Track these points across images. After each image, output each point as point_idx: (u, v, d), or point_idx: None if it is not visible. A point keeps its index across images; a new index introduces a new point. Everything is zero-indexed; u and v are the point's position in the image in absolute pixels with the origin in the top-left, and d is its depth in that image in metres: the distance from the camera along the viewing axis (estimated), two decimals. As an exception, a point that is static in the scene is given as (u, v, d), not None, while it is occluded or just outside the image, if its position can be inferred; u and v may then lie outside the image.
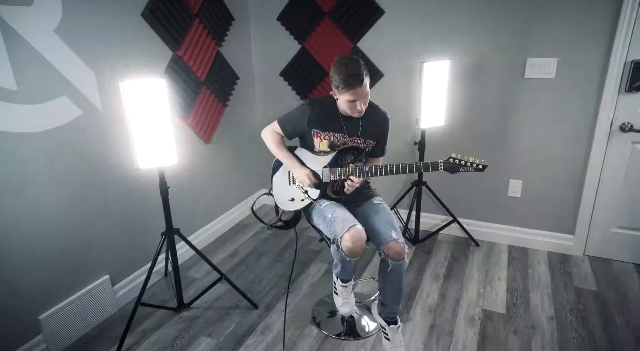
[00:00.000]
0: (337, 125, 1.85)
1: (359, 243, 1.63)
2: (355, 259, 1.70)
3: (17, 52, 1.68)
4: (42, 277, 1.90)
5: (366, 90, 1.70)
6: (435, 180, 2.90)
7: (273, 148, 1.94)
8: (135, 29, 2.20)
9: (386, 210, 1.85)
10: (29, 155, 1.78)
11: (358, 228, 1.66)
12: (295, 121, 1.90)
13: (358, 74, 1.63)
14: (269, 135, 1.96)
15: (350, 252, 1.64)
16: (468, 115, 2.73)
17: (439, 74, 2.35)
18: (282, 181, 1.96)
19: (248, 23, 3.13)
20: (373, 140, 1.91)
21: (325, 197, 1.88)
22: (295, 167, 1.86)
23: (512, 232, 2.86)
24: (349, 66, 1.64)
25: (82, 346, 2.04)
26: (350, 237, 1.62)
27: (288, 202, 1.93)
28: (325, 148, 1.88)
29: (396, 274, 1.75)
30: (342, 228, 1.65)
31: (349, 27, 2.82)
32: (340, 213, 1.73)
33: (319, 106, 1.87)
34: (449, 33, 2.60)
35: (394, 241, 1.68)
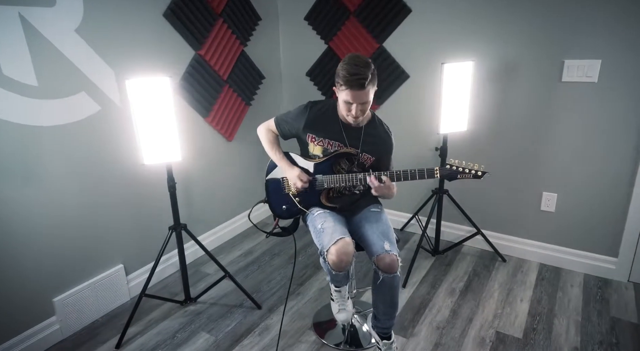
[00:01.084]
0: (338, 134, 1.77)
1: (344, 257, 1.56)
2: (342, 273, 1.62)
3: (38, 51, 1.79)
4: (57, 262, 2.02)
5: (367, 96, 1.59)
6: (458, 188, 2.73)
7: (267, 146, 1.91)
8: (156, 29, 2.28)
9: (382, 219, 1.76)
10: (47, 147, 1.89)
11: (345, 241, 1.58)
12: (292, 121, 1.85)
13: (362, 77, 1.53)
14: (264, 133, 1.93)
15: (335, 265, 1.57)
16: (496, 120, 2.54)
17: (461, 76, 2.19)
18: (276, 188, 1.91)
19: (277, 23, 3.14)
20: (372, 155, 1.81)
21: (320, 205, 1.82)
22: (286, 168, 1.82)
23: (544, 250, 2.62)
24: (357, 66, 1.54)
25: (92, 331, 2.14)
26: (335, 251, 1.55)
27: (282, 210, 1.90)
28: (318, 153, 1.82)
29: (388, 287, 1.66)
30: (329, 241, 1.58)
31: (375, 26, 2.73)
32: (329, 224, 1.67)
33: (317, 110, 1.80)
34: (479, 32, 2.43)
35: (386, 253, 1.59)
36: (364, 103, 1.61)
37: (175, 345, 2.03)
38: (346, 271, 1.63)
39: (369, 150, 1.79)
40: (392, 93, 2.85)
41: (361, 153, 1.78)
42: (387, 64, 2.77)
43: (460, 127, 2.32)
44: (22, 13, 1.72)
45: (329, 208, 1.82)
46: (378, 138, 1.79)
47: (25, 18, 1.73)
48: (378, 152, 1.81)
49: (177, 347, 2.01)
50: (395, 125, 2.88)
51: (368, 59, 1.60)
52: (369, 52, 2.81)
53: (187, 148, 2.57)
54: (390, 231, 1.70)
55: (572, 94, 2.29)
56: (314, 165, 1.81)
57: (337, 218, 1.74)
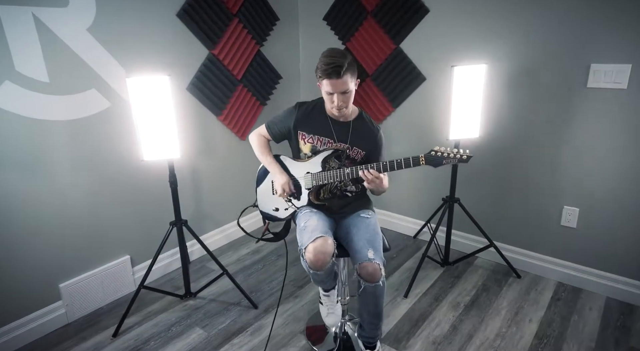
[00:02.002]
0: (326, 130, 1.76)
1: (320, 256, 1.52)
2: (322, 273, 1.58)
3: (50, 49, 1.89)
4: (65, 249, 2.12)
5: (345, 86, 1.58)
6: (471, 197, 2.61)
7: (257, 152, 1.90)
8: (169, 29, 2.33)
9: (371, 226, 1.70)
10: (57, 141, 1.99)
11: (324, 240, 1.54)
12: (281, 122, 1.85)
13: (338, 65, 1.53)
14: (255, 139, 1.93)
15: (312, 264, 1.54)
16: (513, 128, 2.39)
17: (473, 80, 2.08)
18: (266, 191, 1.90)
19: (297, 23, 3.13)
20: (362, 149, 1.77)
21: (309, 204, 1.80)
22: (276, 173, 1.80)
23: (563, 268, 2.43)
24: (332, 56, 1.56)
25: (96, 318, 2.24)
26: (313, 249, 1.52)
27: (273, 212, 1.89)
28: (307, 151, 1.80)
29: (371, 296, 1.60)
30: (309, 239, 1.55)
31: (392, 27, 2.66)
32: (312, 223, 1.64)
33: (305, 108, 1.81)
34: (500, 33, 2.29)
35: (368, 261, 1.53)
36: (345, 93, 1.61)
37: (168, 337, 2.07)
38: (326, 272, 1.59)
39: (358, 144, 1.77)
40: (408, 96, 2.76)
41: (351, 147, 1.76)
42: (403, 65, 2.69)
43: (471, 133, 2.20)
44: (35, 13, 1.82)
45: (317, 206, 1.79)
46: (366, 133, 1.78)
47: (38, 18, 1.82)
48: (367, 146, 1.78)
49: (170, 340, 2.05)
50: (410, 128, 2.81)
51: (344, 50, 1.62)
52: (386, 53, 2.73)
53: (198, 146, 2.64)
54: (377, 238, 1.64)
55: (598, 101, 2.11)
56: (303, 165, 1.78)
57: (323, 219, 1.71)
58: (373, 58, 2.80)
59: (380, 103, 2.87)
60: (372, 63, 2.82)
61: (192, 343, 2.03)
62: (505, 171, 2.50)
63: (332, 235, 1.62)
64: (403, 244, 2.96)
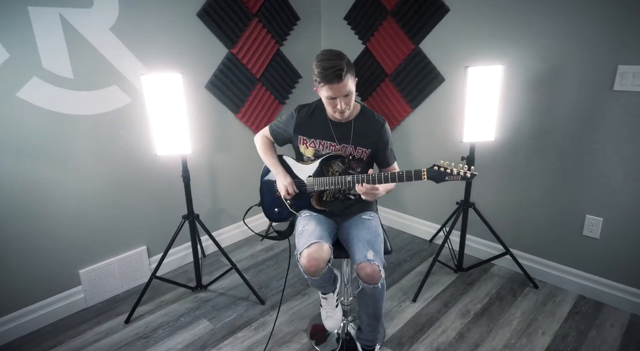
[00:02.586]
0: (326, 132, 1.74)
1: (314, 262, 1.52)
2: (317, 278, 1.58)
3: (75, 47, 1.99)
4: (85, 237, 2.23)
5: (347, 88, 1.56)
6: (488, 201, 2.53)
7: (261, 153, 1.90)
8: (190, 28, 2.41)
9: (372, 227, 1.68)
10: (80, 134, 2.10)
11: (319, 246, 1.53)
12: (282, 127, 1.85)
13: (338, 68, 1.50)
14: (259, 140, 1.93)
15: (306, 269, 1.54)
16: (533, 132, 2.29)
17: (488, 81, 2.01)
18: (269, 191, 1.91)
19: (319, 23, 3.15)
20: (367, 148, 1.74)
21: (310, 208, 1.80)
22: (278, 175, 1.80)
23: (585, 280, 2.31)
24: (330, 59, 1.52)
25: (112, 304, 2.34)
26: (307, 255, 1.52)
27: (274, 213, 1.90)
28: (310, 155, 1.79)
29: (369, 298, 1.59)
30: (304, 244, 1.55)
31: (411, 26, 2.62)
32: (310, 228, 1.63)
33: (306, 112, 1.79)
34: (522, 33, 2.20)
35: (367, 262, 1.52)
36: (347, 96, 1.58)
37: (176, 327, 2.14)
38: (322, 278, 1.59)
39: (361, 143, 1.74)
40: (426, 97, 2.71)
41: (355, 147, 1.73)
42: (422, 66, 2.64)
43: (487, 136, 2.13)
44: (62, 13, 1.92)
45: (319, 211, 1.79)
46: (369, 129, 1.74)
47: (64, 18, 1.93)
48: (372, 143, 1.74)
49: (178, 330, 2.12)
50: (428, 130, 2.76)
51: (339, 51, 1.58)
52: (405, 53, 2.70)
53: (216, 142, 2.71)
54: (377, 240, 1.62)
55: (625, 105, 1.98)
56: (306, 168, 1.78)
57: (322, 222, 1.70)
58: (392, 58, 2.77)
59: (399, 104, 2.84)
60: (391, 63, 2.78)
61: (197, 334, 2.08)
62: (523, 176, 2.40)
63: (330, 240, 1.62)
64: (418, 247, 2.91)
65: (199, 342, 2.03)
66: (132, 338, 2.07)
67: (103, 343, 2.05)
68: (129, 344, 2.03)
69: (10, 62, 1.83)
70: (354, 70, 1.60)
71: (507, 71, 2.26)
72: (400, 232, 3.15)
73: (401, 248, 2.91)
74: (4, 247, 1.97)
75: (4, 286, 2.00)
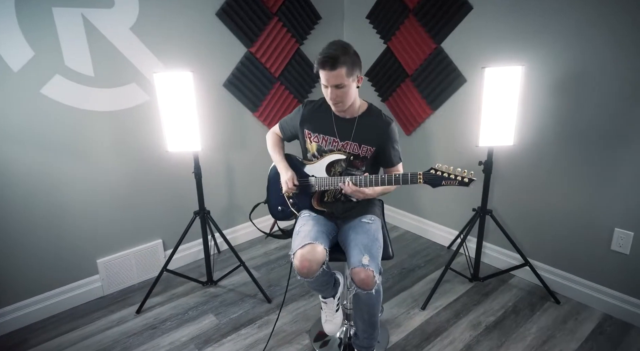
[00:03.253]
0: (329, 127, 1.73)
1: (306, 263, 1.49)
2: (311, 280, 1.55)
3: (96, 46, 2.08)
4: (103, 228, 2.33)
5: (339, 79, 1.53)
6: (509, 209, 2.42)
7: (269, 148, 1.91)
8: (209, 27, 2.45)
9: (371, 231, 1.63)
10: (99, 129, 2.19)
11: (312, 247, 1.51)
12: (291, 121, 1.85)
13: (333, 57, 1.49)
14: (269, 136, 1.94)
15: (298, 271, 1.52)
16: (556, 137, 2.15)
17: (507, 83, 1.91)
18: (274, 189, 1.90)
19: (341, 22, 3.11)
20: (371, 146, 1.70)
21: (311, 209, 1.78)
22: (282, 169, 1.80)
23: (612, 298, 2.14)
24: (330, 48, 1.52)
25: (128, 294, 2.43)
26: (300, 255, 1.50)
27: (278, 211, 1.89)
28: (314, 151, 1.78)
29: (364, 304, 1.55)
30: (298, 245, 1.54)
31: (433, 25, 2.53)
32: (307, 228, 1.61)
33: (312, 106, 1.79)
34: (549, 33, 2.07)
35: (361, 267, 1.48)
36: (339, 88, 1.55)
37: (183, 320, 2.19)
38: (316, 280, 1.56)
39: (364, 140, 1.71)
40: (447, 98, 2.61)
41: (360, 145, 1.71)
42: (443, 66, 2.55)
43: (505, 140, 2.02)
44: (84, 14, 2.01)
45: (318, 212, 1.76)
46: (374, 127, 1.71)
47: (86, 18, 2.02)
48: (376, 141, 1.71)
49: (184, 323, 2.17)
50: (448, 132, 2.66)
51: (348, 44, 1.57)
52: (426, 53, 2.61)
53: (233, 140, 2.75)
54: (375, 244, 1.58)
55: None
56: (310, 167, 1.77)
57: (321, 224, 1.67)
58: (413, 58, 2.69)
59: (419, 105, 2.76)
60: (412, 63, 2.71)
61: (202, 328, 2.12)
62: (546, 183, 2.26)
63: (326, 242, 1.59)
64: (434, 253, 2.81)
65: (203, 336, 2.07)
66: (141, 328, 2.13)
67: (114, 331, 2.12)
68: (137, 334, 2.09)
69: (35, 60, 1.93)
70: (355, 67, 1.57)
71: (528, 72, 2.14)
72: (418, 236, 3.07)
73: (417, 253, 2.83)
74: (28, 235, 2.09)
75: (27, 271, 2.12)
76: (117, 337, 2.08)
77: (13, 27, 1.85)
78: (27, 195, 2.05)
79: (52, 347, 2.02)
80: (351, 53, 1.54)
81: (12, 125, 1.94)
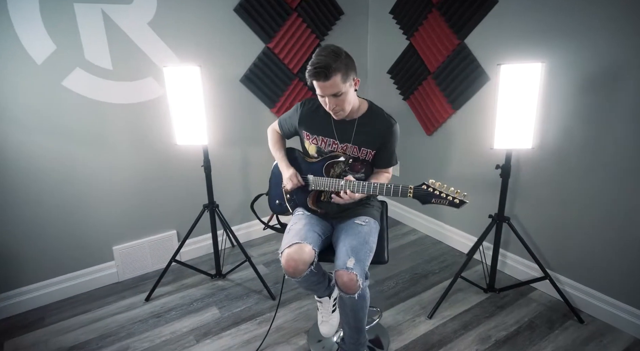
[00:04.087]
0: (328, 129, 1.67)
1: (292, 263, 1.46)
2: (298, 280, 1.51)
3: (115, 40, 2.15)
4: (119, 216, 2.42)
5: (335, 88, 1.46)
6: (530, 217, 2.26)
7: (270, 144, 1.89)
8: (226, 23, 2.47)
9: (361, 234, 1.56)
10: (116, 121, 2.27)
11: (300, 247, 1.47)
12: (289, 119, 1.81)
13: (323, 66, 1.41)
14: (270, 133, 1.92)
15: (285, 270, 1.49)
16: (585, 141, 1.97)
17: (525, 81, 1.77)
18: (276, 183, 1.87)
19: (365, 17, 3.04)
20: (370, 148, 1.64)
21: (305, 207, 1.73)
22: (283, 166, 1.77)
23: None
24: (321, 55, 1.44)
25: (141, 281, 2.51)
26: (286, 254, 1.48)
27: (275, 205, 1.87)
28: (313, 153, 1.73)
29: (348, 309, 1.49)
30: (286, 244, 1.50)
31: (457, 20, 2.40)
32: (297, 227, 1.58)
33: (310, 107, 1.73)
34: (581, 28, 1.90)
35: (345, 269, 1.42)
36: (337, 96, 1.49)
37: (187, 311, 2.22)
38: (304, 280, 1.52)
39: (364, 143, 1.65)
40: (469, 97, 2.47)
41: (359, 148, 1.65)
42: (466, 63, 2.41)
43: (523, 143, 1.88)
44: (104, 9, 2.09)
45: (311, 211, 1.72)
46: (373, 129, 1.64)
47: (106, 13, 2.10)
48: (376, 144, 1.65)
49: (188, 313, 2.20)
50: (470, 134, 2.52)
51: (338, 48, 1.47)
52: (449, 49, 2.49)
53: (249, 136, 2.76)
54: (364, 247, 1.51)
55: None
56: (310, 165, 1.73)
57: (314, 223, 1.63)
58: (435, 55, 2.57)
59: (440, 104, 2.63)
60: (435, 60, 2.59)
61: (204, 321, 2.15)
62: (573, 191, 2.08)
63: (317, 242, 1.55)
64: (451, 260, 2.68)
65: (204, 328, 2.09)
66: (147, 316, 2.19)
67: (122, 316, 2.20)
68: (142, 321, 2.16)
69: (56, 54, 2.03)
70: (349, 71, 1.49)
71: (554, 70, 1.98)
72: (437, 241, 2.94)
73: (433, 259, 2.71)
74: (49, 220, 2.21)
75: (49, 253, 2.24)
76: (124, 323, 2.15)
77: (37, 22, 1.95)
78: (48, 183, 2.16)
79: (64, 327, 2.12)
80: (343, 57, 1.46)
81: (37, 115, 2.06)
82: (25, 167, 2.09)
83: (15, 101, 1.99)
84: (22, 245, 2.17)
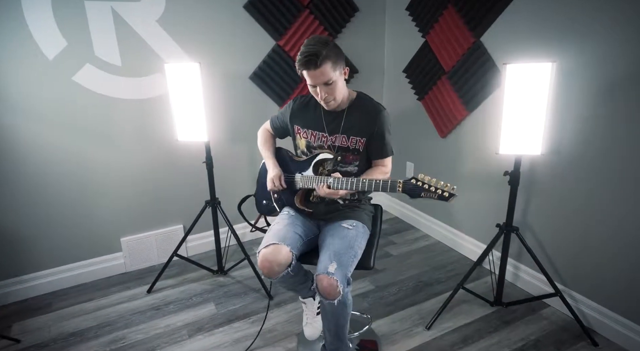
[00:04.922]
0: (318, 122, 1.64)
1: (267, 264, 1.43)
2: (274, 280, 1.48)
3: (124, 37, 2.20)
4: (127, 208, 2.48)
5: (326, 76, 1.43)
6: (544, 227, 2.11)
7: (259, 144, 1.86)
8: (236, 20, 2.46)
9: (347, 238, 1.50)
10: (124, 116, 2.33)
11: (276, 248, 1.44)
12: (282, 117, 1.80)
13: (313, 54, 1.39)
14: (260, 132, 1.90)
15: (261, 270, 1.46)
16: (604, 148, 1.80)
17: (534, 82, 1.64)
18: (263, 183, 1.84)
19: (382, 14, 2.96)
20: (360, 136, 1.59)
21: (293, 207, 1.69)
22: (269, 166, 1.74)
23: (664, 349, 1.76)
24: (309, 45, 1.42)
25: (147, 273, 2.57)
26: (262, 255, 1.45)
27: (262, 205, 1.84)
28: (303, 148, 1.70)
29: (330, 315, 1.45)
30: (264, 243, 1.47)
31: (472, 17, 2.28)
32: (279, 227, 1.55)
33: (302, 101, 1.71)
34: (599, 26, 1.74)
35: (325, 274, 1.37)
36: (327, 84, 1.46)
37: (185, 305, 2.25)
38: (281, 281, 1.49)
39: (353, 132, 1.60)
40: (484, 98, 2.34)
41: (348, 137, 1.61)
42: (482, 62, 2.28)
43: (531, 149, 1.75)
44: (114, 7, 2.14)
45: (299, 211, 1.68)
46: (361, 116, 1.60)
47: (115, 10, 2.14)
48: (365, 131, 1.60)
49: (186, 308, 2.23)
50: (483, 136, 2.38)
51: (326, 38, 1.46)
52: (464, 47, 2.37)
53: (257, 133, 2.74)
54: (348, 252, 1.45)
55: None
56: (299, 164, 1.69)
57: (296, 224, 1.59)
58: (450, 53, 2.46)
59: (454, 105, 2.51)
60: (449, 59, 2.47)
61: (199, 316, 2.16)
62: (591, 202, 1.92)
63: (296, 244, 1.52)
64: (460, 269, 2.56)
65: (197, 324, 2.10)
66: (146, 308, 2.23)
67: (123, 306, 2.25)
68: (141, 313, 2.20)
69: (67, 50, 2.10)
70: (339, 59, 1.47)
71: (571, 71, 1.82)
72: (449, 249, 2.81)
73: (442, 266, 2.60)
74: (59, 210, 2.29)
75: (58, 242, 2.34)
76: (124, 313, 2.20)
77: (49, 19, 2.02)
78: (59, 175, 2.24)
79: (68, 313, 2.20)
80: (331, 46, 1.45)
81: (50, 110, 2.14)
82: (39, 158, 2.18)
83: (28, 96, 2.08)
84: (36, 234, 2.27)
